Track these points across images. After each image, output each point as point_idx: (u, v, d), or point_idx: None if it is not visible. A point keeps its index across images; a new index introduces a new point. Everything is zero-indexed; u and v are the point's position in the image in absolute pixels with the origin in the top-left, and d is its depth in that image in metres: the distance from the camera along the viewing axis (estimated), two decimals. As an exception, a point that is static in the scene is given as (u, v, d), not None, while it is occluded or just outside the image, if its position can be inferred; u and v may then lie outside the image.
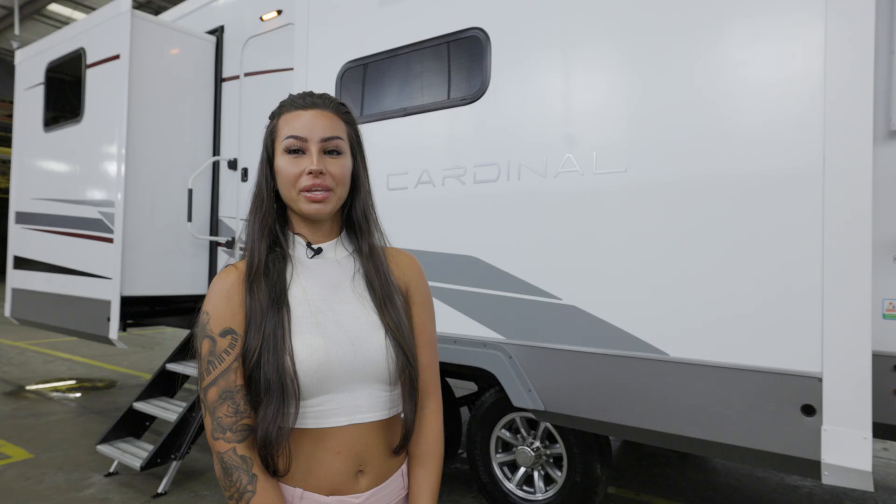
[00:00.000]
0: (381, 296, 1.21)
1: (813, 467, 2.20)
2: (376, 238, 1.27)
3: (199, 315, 1.15)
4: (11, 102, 6.43)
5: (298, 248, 1.23)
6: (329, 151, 1.16)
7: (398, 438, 1.22)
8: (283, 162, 1.16)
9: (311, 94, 1.21)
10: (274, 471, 1.13)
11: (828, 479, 2.17)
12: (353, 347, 1.14)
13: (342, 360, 1.13)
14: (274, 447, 1.09)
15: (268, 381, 1.07)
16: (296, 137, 1.15)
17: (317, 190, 1.14)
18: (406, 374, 1.17)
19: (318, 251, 1.23)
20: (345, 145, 1.19)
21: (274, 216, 1.21)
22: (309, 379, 1.10)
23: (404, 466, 1.27)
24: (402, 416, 1.21)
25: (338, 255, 1.25)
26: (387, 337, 1.17)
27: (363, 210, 1.25)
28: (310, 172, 1.13)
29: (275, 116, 1.22)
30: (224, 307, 1.13)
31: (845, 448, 2.12)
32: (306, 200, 1.14)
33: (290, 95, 1.23)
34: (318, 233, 1.24)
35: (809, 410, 2.20)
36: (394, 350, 1.16)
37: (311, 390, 1.10)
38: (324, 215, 1.17)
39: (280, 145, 1.17)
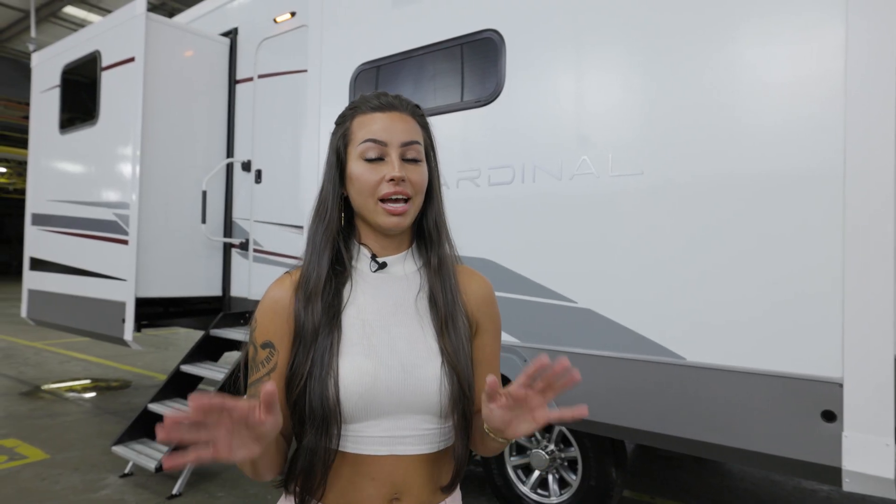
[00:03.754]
0: (444, 315, 1.11)
1: (833, 474, 2.17)
2: (447, 249, 1.18)
3: (252, 315, 1.14)
4: (27, 104, 6.49)
5: (363, 259, 1.15)
6: (408, 159, 1.09)
7: (447, 475, 1.12)
8: (359, 168, 1.08)
9: (385, 94, 1.13)
10: (310, 495, 1.08)
11: (849, 486, 2.14)
12: (405, 375, 1.06)
13: (390, 387, 1.05)
14: (316, 476, 1.05)
15: (312, 408, 1.03)
16: (375, 141, 1.07)
17: (398, 200, 1.07)
18: (460, 406, 1.07)
19: (383, 265, 1.15)
20: (423, 152, 1.12)
21: (339, 226, 1.13)
22: (353, 404, 1.03)
23: (454, 496, 1.17)
24: (454, 450, 1.11)
25: (406, 270, 1.16)
26: (443, 365, 1.07)
27: (435, 219, 1.17)
28: (391, 179, 1.05)
29: (346, 119, 1.14)
30: (269, 319, 1.10)
31: (867, 455, 2.09)
32: (385, 213, 1.07)
33: (363, 96, 1.14)
34: (388, 244, 1.15)
35: (830, 416, 2.17)
36: (448, 380, 1.06)
37: (353, 415, 1.04)
38: (401, 229, 1.10)
39: (355, 150, 1.09)
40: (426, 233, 1.17)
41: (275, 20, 4.75)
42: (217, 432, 0.83)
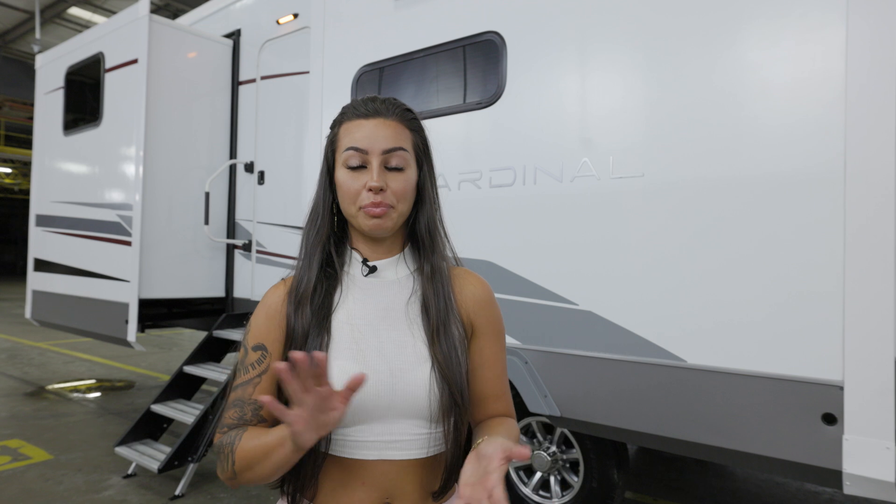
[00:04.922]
0: (436, 323, 1.10)
1: (834, 477, 2.17)
2: (441, 256, 1.17)
3: (249, 320, 1.17)
4: (32, 105, 6.52)
5: (355, 264, 1.16)
6: (391, 167, 1.08)
7: (438, 481, 1.11)
8: (343, 176, 1.09)
9: (374, 99, 1.12)
10: (301, 495, 1.09)
11: (849, 489, 2.14)
12: (393, 380, 1.05)
13: (378, 392, 1.05)
14: (306, 477, 1.06)
15: None
16: (355, 149, 1.07)
17: (376, 207, 1.07)
18: (451, 413, 1.07)
19: (373, 269, 1.15)
20: (409, 157, 1.11)
21: (330, 231, 1.15)
22: None
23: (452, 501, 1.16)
24: (446, 457, 1.10)
25: (398, 274, 1.16)
26: (433, 371, 1.07)
27: (427, 224, 1.16)
28: (370, 189, 1.06)
29: (336, 125, 1.14)
30: (262, 323, 1.12)
31: (867, 458, 2.08)
32: (365, 216, 1.07)
33: (353, 101, 1.14)
34: (379, 248, 1.15)
35: (830, 419, 2.16)
36: (438, 386, 1.06)
37: (342, 420, 1.04)
38: (384, 232, 1.10)
39: (340, 157, 1.10)
40: (419, 238, 1.17)
41: (277, 22, 4.76)
42: (308, 399, 0.88)
